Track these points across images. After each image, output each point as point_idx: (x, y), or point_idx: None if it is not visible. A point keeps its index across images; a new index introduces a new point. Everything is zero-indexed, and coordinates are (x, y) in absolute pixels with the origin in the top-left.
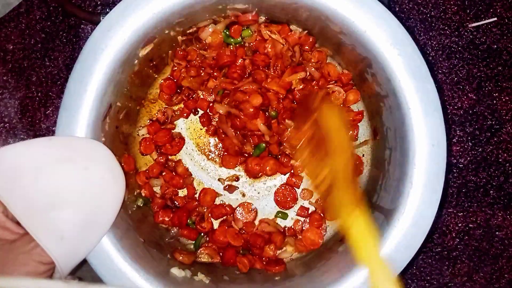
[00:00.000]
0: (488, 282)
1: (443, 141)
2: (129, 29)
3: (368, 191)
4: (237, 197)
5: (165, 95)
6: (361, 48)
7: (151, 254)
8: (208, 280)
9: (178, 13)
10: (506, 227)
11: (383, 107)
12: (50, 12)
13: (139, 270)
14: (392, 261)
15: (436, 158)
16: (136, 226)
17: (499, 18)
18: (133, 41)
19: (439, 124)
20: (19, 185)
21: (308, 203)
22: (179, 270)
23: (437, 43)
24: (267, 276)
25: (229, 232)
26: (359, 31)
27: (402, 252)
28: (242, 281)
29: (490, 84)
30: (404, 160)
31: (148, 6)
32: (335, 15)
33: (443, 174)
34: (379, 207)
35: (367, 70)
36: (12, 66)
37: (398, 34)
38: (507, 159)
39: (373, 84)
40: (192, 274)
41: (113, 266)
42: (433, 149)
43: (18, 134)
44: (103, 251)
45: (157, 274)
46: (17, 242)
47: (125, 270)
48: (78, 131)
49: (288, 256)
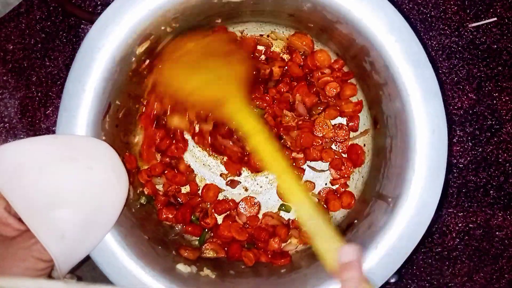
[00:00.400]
0: (488, 282)
1: (444, 126)
2: (125, 27)
3: (370, 180)
4: (240, 192)
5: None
6: (358, 37)
7: (156, 251)
8: (214, 275)
9: (174, 8)
10: (506, 227)
11: (382, 95)
12: (50, 12)
13: (144, 267)
14: (396, 250)
15: (437, 143)
16: (140, 224)
17: (499, 18)
18: (129, 39)
19: (439, 109)
20: (23, 182)
21: (310, 195)
22: (185, 266)
23: (437, 43)
24: (273, 269)
25: (233, 227)
26: (356, 19)
27: (407, 240)
28: (248, 275)
29: (490, 84)
30: (405, 147)
31: (144, 2)
32: (332, 4)
33: (444, 159)
34: (382, 196)
35: (365, 58)
36: (12, 66)
37: (395, 21)
38: (507, 159)
39: (372, 73)
40: (198, 270)
41: (118, 264)
42: (434, 135)
43: (18, 134)
44: (109, 250)
45: (163, 270)
46: (18, 238)
47: (131, 268)
48: (78, 131)
49: (293, 248)
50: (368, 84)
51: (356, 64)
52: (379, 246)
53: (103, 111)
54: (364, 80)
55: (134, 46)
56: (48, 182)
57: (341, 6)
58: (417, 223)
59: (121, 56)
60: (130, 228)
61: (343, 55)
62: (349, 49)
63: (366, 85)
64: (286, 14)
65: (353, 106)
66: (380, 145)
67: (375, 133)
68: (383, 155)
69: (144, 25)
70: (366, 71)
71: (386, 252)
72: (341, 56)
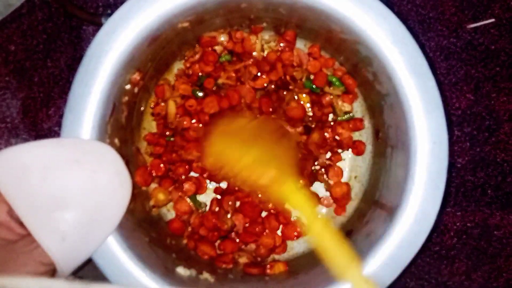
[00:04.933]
0: (486, 281)
1: (445, 138)
2: (133, 31)
3: (370, 189)
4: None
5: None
6: (361, 47)
7: (156, 254)
8: (213, 278)
9: (180, 15)
10: (504, 226)
11: (384, 105)
12: (52, 13)
13: (145, 270)
14: (395, 259)
15: (438, 155)
16: (141, 226)
17: (497, 19)
18: (136, 43)
19: (440, 121)
20: (26, 185)
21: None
22: (185, 269)
23: (435, 44)
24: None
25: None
26: (359, 30)
27: (406, 249)
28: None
29: (488, 85)
30: (406, 157)
31: (151, 7)
32: (335, 14)
33: (445, 171)
34: (381, 205)
35: (368, 69)
36: (14, 67)
37: (398, 32)
38: (505, 159)
39: (374, 83)
40: (198, 273)
41: (119, 266)
42: (435, 146)
43: (20, 134)
44: (110, 251)
45: (163, 273)
46: (19, 242)
47: (132, 270)
48: (84, 133)
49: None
50: (370, 94)
51: (359, 74)
52: (377, 254)
53: (108, 113)
54: (366, 89)
55: (141, 50)
56: (51, 185)
57: (346, 16)
58: (417, 232)
59: (128, 60)
60: (131, 231)
61: (346, 66)
62: (352, 59)
63: (368, 94)
64: (294, 24)
65: (353, 124)
66: (380, 154)
67: (376, 142)
68: (384, 164)
69: (152, 30)
70: (369, 81)
71: (385, 260)
72: (344, 65)
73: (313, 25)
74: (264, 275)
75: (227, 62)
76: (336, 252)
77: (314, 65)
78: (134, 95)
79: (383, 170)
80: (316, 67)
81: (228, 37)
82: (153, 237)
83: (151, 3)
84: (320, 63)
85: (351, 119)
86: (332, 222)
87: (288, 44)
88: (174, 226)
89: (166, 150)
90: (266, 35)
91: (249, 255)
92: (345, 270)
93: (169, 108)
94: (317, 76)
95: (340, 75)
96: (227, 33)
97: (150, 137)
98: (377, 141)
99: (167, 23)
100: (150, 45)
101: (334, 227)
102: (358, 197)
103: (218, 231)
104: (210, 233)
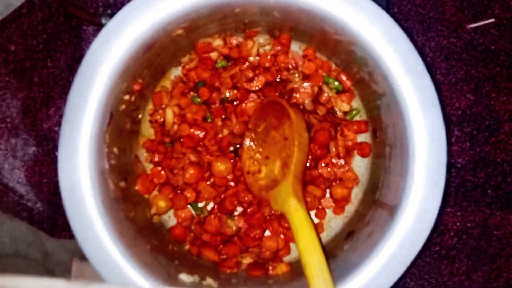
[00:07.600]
0: (487, 281)
1: (443, 135)
2: (127, 40)
3: (370, 188)
4: None
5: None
6: (356, 48)
7: (159, 261)
8: (217, 284)
9: (174, 22)
10: (504, 226)
11: (381, 105)
12: (52, 13)
13: (147, 277)
14: (397, 258)
15: (437, 152)
16: (143, 234)
17: (497, 19)
18: (131, 52)
19: (437, 118)
20: None
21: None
22: (187, 275)
23: (435, 44)
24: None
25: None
26: (354, 31)
27: (408, 248)
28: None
29: (488, 85)
30: (404, 156)
31: (145, 16)
32: (329, 16)
33: (444, 168)
34: (382, 204)
35: (363, 69)
36: (14, 67)
37: (392, 32)
38: (504, 159)
39: (370, 82)
40: (201, 279)
41: (121, 274)
42: (433, 143)
43: (20, 134)
44: (112, 260)
45: (166, 280)
46: None
47: (134, 278)
48: (81, 143)
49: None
50: (366, 94)
51: (355, 74)
52: (380, 254)
53: (106, 123)
54: (362, 89)
55: (136, 58)
56: None
57: (339, 18)
58: (418, 230)
59: (124, 69)
60: (133, 239)
61: (343, 67)
62: (347, 59)
63: (365, 94)
64: (288, 27)
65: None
66: (379, 154)
67: (374, 141)
68: (383, 164)
69: (146, 39)
70: (365, 81)
71: (388, 260)
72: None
73: (308, 28)
74: (267, 277)
75: (222, 69)
76: (315, 273)
77: (309, 67)
78: (131, 104)
79: (383, 169)
80: (311, 68)
81: (223, 42)
82: (155, 245)
83: (145, 11)
84: (315, 64)
85: (357, 113)
86: (333, 223)
87: (283, 47)
88: (176, 232)
89: (166, 156)
90: (261, 39)
91: (252, 255)
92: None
93: (166, 115)
94: (313, 78)
95: (335, 75)
96: (222, 39)
97: (149, 145)
98: (376, 140)
99: (162, 30)
100: (145, 53)
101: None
102: (358, 197)
103: (220, 235)
104: (213, 238)
